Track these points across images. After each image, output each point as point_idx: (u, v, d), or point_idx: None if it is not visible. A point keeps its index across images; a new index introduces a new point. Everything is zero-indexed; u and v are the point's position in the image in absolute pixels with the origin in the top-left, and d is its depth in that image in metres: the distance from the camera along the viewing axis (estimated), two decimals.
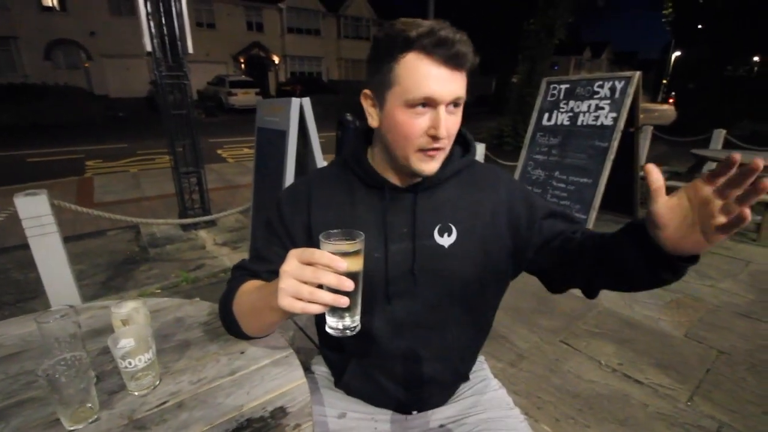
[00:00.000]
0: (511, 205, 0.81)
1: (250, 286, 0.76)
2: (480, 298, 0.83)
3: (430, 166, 0.72)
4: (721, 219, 0.51)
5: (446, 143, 0.71)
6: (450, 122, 0.69)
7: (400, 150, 0.71)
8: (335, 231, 0.60)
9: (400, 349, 0.81)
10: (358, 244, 0.58)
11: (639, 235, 0.60)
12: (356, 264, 0.58)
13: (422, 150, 0.70)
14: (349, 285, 0.56)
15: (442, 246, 0.77)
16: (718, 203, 0.51)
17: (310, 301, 0.56)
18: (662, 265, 0.60)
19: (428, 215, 0.78)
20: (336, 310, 0.60)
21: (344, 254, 0.57)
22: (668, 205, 0.54)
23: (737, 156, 0.49)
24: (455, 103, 0.69)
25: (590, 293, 0.76)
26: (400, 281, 0.77)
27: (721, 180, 0.50)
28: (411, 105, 0.66)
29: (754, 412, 1.68)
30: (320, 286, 0.56)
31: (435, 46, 0.64)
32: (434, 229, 0.78)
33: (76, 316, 0.74)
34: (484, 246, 0.79)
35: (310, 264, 0.56)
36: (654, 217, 0.55)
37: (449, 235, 0.78)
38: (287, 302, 0.57)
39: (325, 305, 0.57)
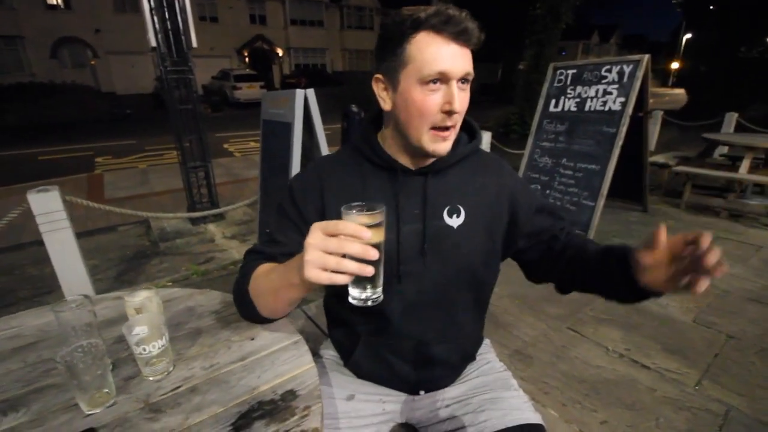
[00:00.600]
0: (513, 192, 0.85)
1: (266, 268, 0.77)
2: (484, 278, 0.86)
3: (443, 146, 0.74)
4: (686, 279, 0.60)
5: (458, 119, 0.73)
6: (461, 98, 0.70)
7: (414, 129, 0.73)
8: (356, 203, 0.60)
9: (410, 329, 0.83)
10: (379, 215, 0.59)
11: (621, 265, 0.70)
12: (378, 235, 0.59)
13: (435, 128, 0.71)
14: (374, 254, 0.56)
15: (451, 227, 0.80)
16: (688, 265, 0.59)
17: (335, 271, 0.57)
18: (633, 293, 0.71)
19: (438, 197, 0.80)
20: (359, 281, 0.61)
21: (367, 225, 0.57)
22: (655, 259, 0.64)
23: (707, 239, 0.57)
24: (465, 79, 0.71)
25: (563, 291, 0.88)
26: (410, 261, 0.79)
27: (689, 249, 0.59)
28: (425, 82, 0.68)
29: (762, 396, 1.67)
30: (344, 258, 0.57)
31: (444, 24, 0.66)
32: (444, 211, 0.80)
33: (91, 305, 0.77)
34: (489, 227, 0.82)
35: (334, 235, 0.57)
36: (641, 264, 0.65)
37: (458, 217, 0.80)
38: (314, 274, 0.58)
39: (351, 275, 0.58)
